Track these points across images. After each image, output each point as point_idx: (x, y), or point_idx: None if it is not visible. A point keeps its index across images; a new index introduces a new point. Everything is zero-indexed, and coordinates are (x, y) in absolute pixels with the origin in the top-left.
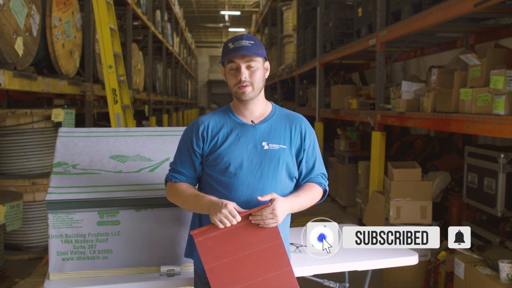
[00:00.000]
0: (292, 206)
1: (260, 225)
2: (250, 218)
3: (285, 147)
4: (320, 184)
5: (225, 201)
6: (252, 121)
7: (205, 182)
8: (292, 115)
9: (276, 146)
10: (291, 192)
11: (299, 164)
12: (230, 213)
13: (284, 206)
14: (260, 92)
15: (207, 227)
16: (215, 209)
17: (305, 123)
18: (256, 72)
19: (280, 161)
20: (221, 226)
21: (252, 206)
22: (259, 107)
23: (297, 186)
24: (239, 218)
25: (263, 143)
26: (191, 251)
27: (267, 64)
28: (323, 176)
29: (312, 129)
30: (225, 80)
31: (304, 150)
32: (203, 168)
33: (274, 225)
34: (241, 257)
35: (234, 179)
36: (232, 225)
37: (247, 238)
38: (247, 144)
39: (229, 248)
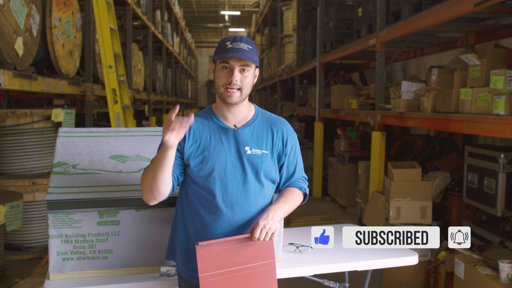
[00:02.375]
0: (280, 214)
1: (263, 240)
2: (254, 237)
3: (267, 152)
4: (300, 188)
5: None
6: (234, 125)
7: (189, 188)
8: (274, 119)
9: (258, 152)
10: (275, 199)
11: (280, 168)
12: (169, 120)
13: (275, 217)
14: (246, 97)
15: (215, 241)
16: (164, 132)
17: (287, 127)
18: (248, 78)
19: (262, 166)
20: (168, 135)
21: (236, 211)
22: (242, 111)
23: (277, 190)
24: (176, 119)
25: (246, 148)
26: (171, 252)
27: (257, 71)
28: (304, 180)
29: (294, 133)
30: (213, 77)
31: (285, 155)
32: (186, 173)
33: (275, 235)
34: (236, 276)
35: (218, 184)
36: (233, 243)
37: (245, 258)
38: (230, 149)
39: (226, 265)
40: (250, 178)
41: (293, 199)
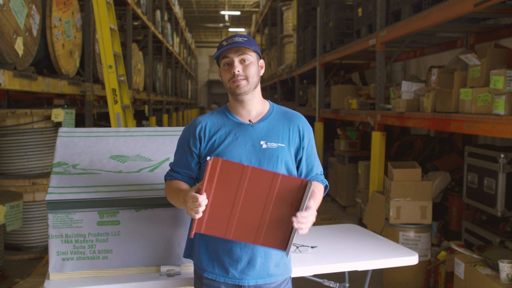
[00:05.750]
0: (317, 205)
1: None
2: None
3: (283, 145)
4: (322, 181)
5: (187, 191)
6: (249, 121)
7: None
8: (290, 113)
9: (274, 145)
10: None
11: (298, 163)
12: (192, 199)
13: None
14: (255, 87)
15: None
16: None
17: (303, 121)
18: (250, 66)
19: (278, 160)
20: (196, 216)
21: None
22: (256, 106)
23: None
24: (202, 199)
25: (262, 142)
26: (190, 251)
27: (261, 62)
28: (321, 173)
29: (310, 127)
30: (221, 79)
31: (303, 148)
32: (200, 167)
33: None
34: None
35: None
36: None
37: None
38: (245, 143)
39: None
40: None
41: (320, 192)
